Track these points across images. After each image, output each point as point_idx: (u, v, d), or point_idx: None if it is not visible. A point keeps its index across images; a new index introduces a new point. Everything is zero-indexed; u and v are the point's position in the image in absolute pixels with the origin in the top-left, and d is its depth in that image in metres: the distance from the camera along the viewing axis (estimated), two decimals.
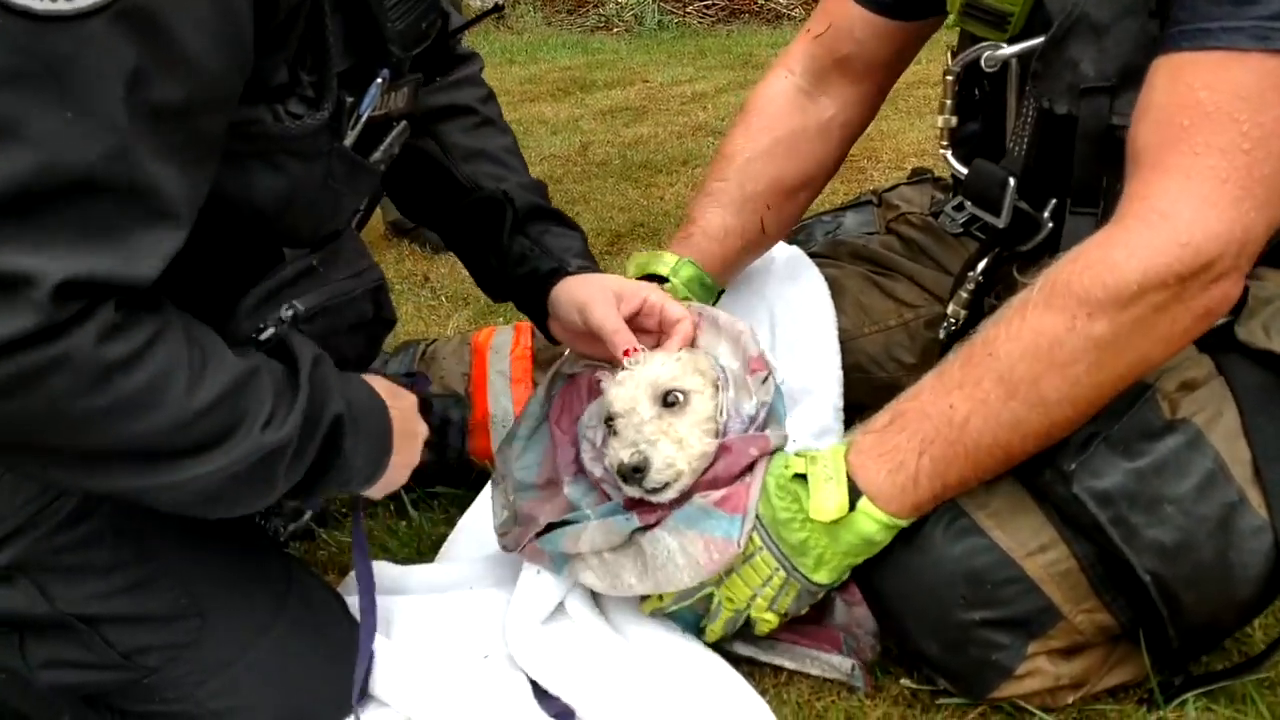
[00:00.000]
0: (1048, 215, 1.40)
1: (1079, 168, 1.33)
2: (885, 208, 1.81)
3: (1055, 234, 1.40)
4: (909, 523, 1.18)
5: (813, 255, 1.73)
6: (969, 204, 1.48)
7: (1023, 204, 1.41)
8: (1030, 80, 1.33)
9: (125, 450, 0.93)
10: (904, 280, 1.71)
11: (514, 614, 1.30)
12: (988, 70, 1.38)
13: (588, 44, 6.61)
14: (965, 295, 1.53)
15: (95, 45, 0.80)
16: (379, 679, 1.27)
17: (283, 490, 1.07)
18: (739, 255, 1.60)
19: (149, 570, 1.14)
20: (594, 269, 1.43)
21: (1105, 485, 1.13)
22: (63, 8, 0.78)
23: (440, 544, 1.58)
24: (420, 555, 1.61)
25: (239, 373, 1.00)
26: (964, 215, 1.50)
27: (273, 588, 1.23)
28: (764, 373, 1.29)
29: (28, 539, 1.07)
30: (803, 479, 1.19)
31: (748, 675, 1.27)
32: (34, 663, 1.13)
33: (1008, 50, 1.35)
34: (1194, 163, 1.08)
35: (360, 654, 1.24)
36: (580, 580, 1.28)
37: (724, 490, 1.22)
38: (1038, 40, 1.30)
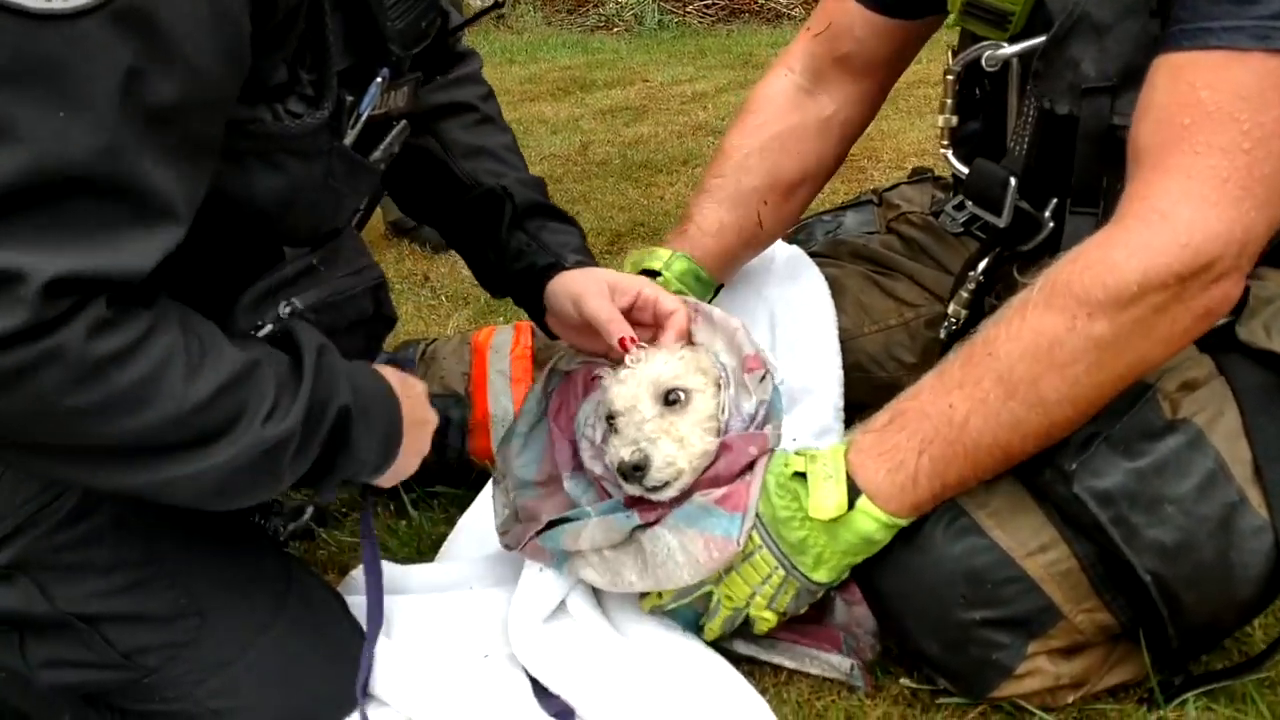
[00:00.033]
0: (1048, 215, 1.40)
1: (1080, 168, 1.33)
2: (886, 207, 1.81)
3: (1056, 234, 1.40)
4: (908, 522, 1.18)
5: (813, 254, 1.73)
6: (970, 203, 1.48)
7: (1023, 204, 1.41)
8: (1031, 80, 1.33)
9: (123, 446, 0.92)
10: (904, 280, 1.70)
11: (515, 612, 1.30)
12: (988, 70, 1.38)
13: (588, 43, 6.61)
14: (966, 295, 1.53)
15: (90, 44, 0.80)
16: (379, 679, 1.27)
17: (290, 482, 1.06)
18: (736, 251, 1.60)
19: (149, 569, 1.14)
20: (591, 264, 1.42)
21: (1106, 485, 1.13)
22: (58, 6, 0.78)
23: (440, 543, 1.58)
24: (420, 555, 1.61)
25: (238, 366, 0.99)
26: (964, 215, 1.50)
27: (272, 587, 1.24)
28: (761, 371, 1.29)
29: (28, 538, 1.08)
30: (802, 477, 1.19)
31: (748, 674, 1.27)
32: (34, 662, 1.13)
33: (1009, 50, 1.35)
34: (1194, 162, 1.08)
35: (367, 641, 1.24)
36: (581, 577, 1.28)
37: (724, 488, 1.22)
38: (1039, 40, 1.30)
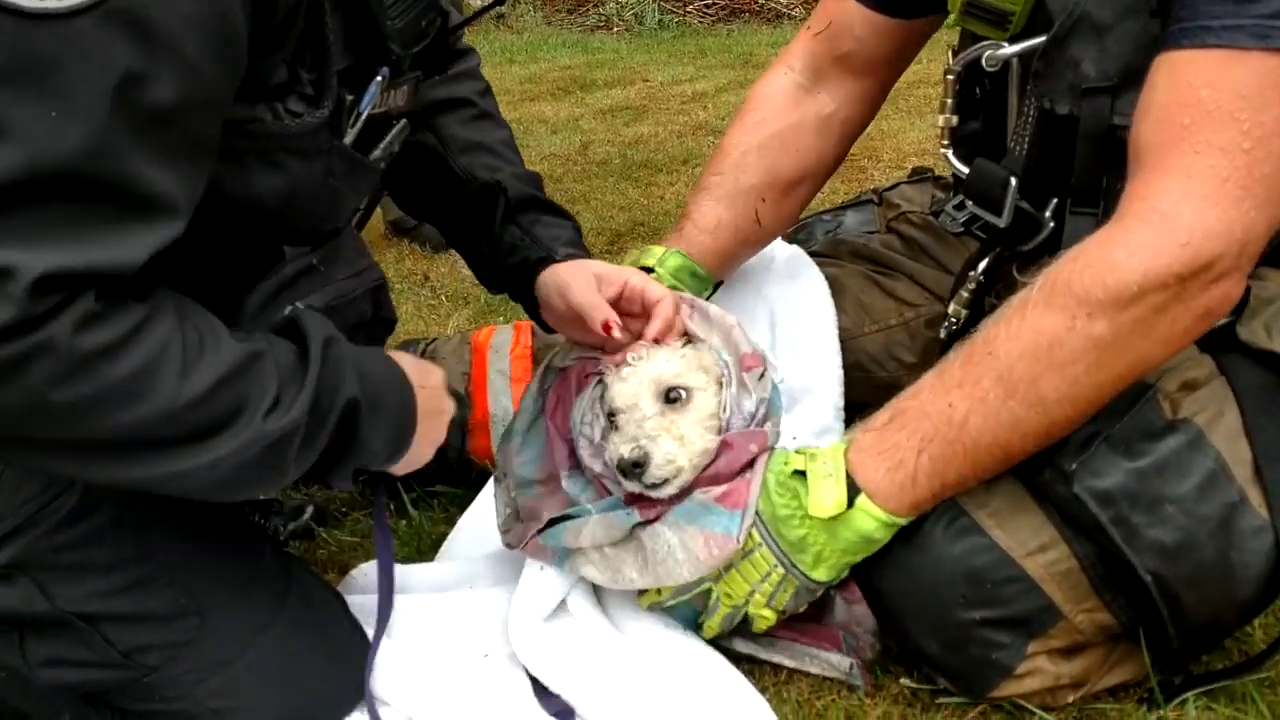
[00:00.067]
0: (1049, 215, 1.40)
1: (1080, 168, 1.33)
2: (886, 206, 1.81)
3: (1056, 234, 1.40)
4: (907, 521, 1.18)
5: (813, 254, 1.73)
6: (970, 203, 1.48)
7: (1024, 203, 1.41)
8: (1031, 80, 1.33)
9: (119, 440, 0.92)
10: (904, 279, 1.70)
11: (516, 611, 1.30)
12: (989, 69, 1.38)
13: (588, 43, 6.61)
14: (966, 295, 1.53)
15: (83, 44, 0.80)
16: (379, 678, 1.28)
17: (296, 475, 1.05)
18: (733, 248, 1.60)
19: (149, 569, 1.14)
20: (583, 257, 1.42)
21: (1106, 485, 1.13)
22: (52, 6, 0.78)
23: (440, 543, 1.58)
24: (420, 554, 1.61)
25: (238, 358, 0.97)
26: (965, 214, 1.50)
27: (272, 587, 1.24)
28: (760, 369, 1.30)
29: (27, 537, 1.07)
30: (802, 475, 1.20)
31: (748, 674, 1.27)
32: (34, 661, 1.13)
33: (1009, 49, 1.35)
34: (1195, 162, 1.08)
35: (378, 627, 1.23)
36: (581, 574, 1.28)
37: (724, 486, 1.22)
38: (1039, 40, 1.30)
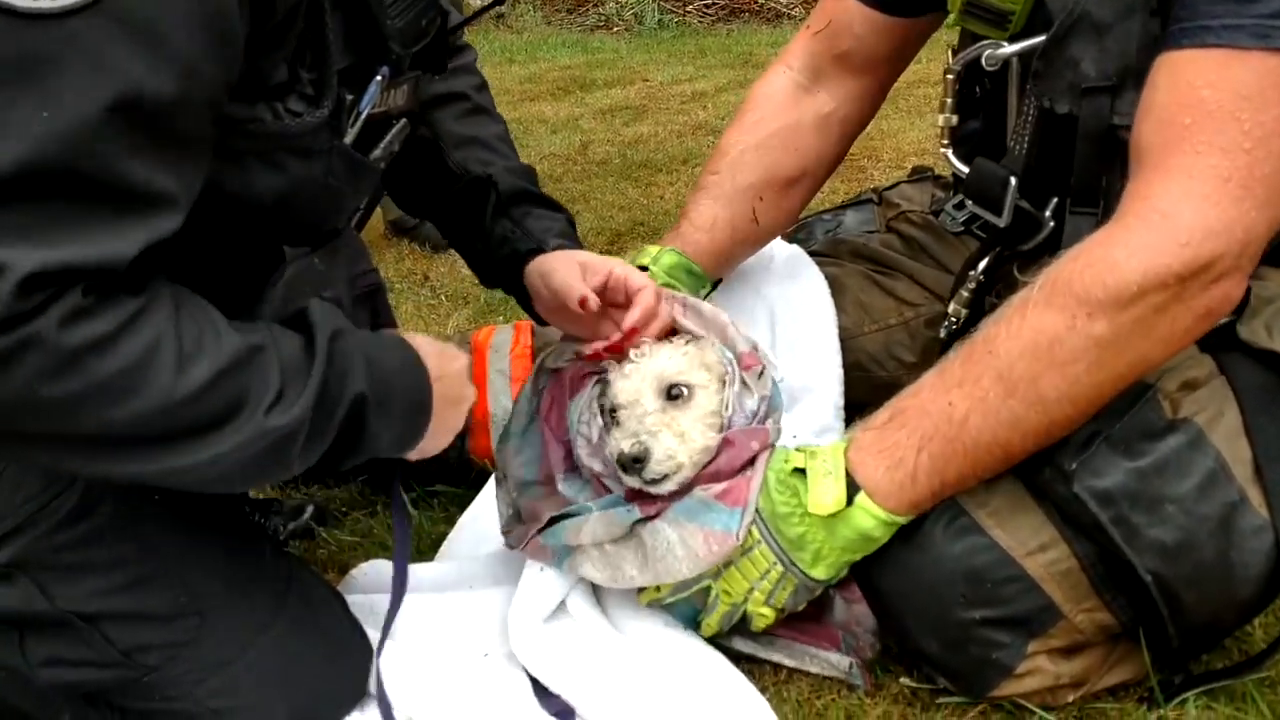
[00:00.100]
0: (1049, 214, 1.40)
1: (1079, 167, 1.33)
2: (886, 206, 1.81)
3: (1056, 233, 1.39)
4: (907, 520, 1.18)
5: (813, 254, 1.73)
6: (970, 203, 1.48)
7: (1024, 203, 1.41)
8: (1031, 79, 1.33)
9: (117, 436, 0.91)
10: (904, 279, 1.70)
11: (516, 612, 1.30)
12: (988, 69, 1.38)
13: (587, 43, 6.61)
14: (966, 294, 1.52)
15: (77, 43, 0.80)
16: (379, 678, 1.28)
17: (301, 469, 1.04)
18: (730, 247, 1.59)
19: (149, 568, 1.13)
20: (574, 249, 1.42)
21: (1106, 484, 1.13)
22: (45, 6, 0.78)
23: (440, 543, 1.58)
24: (420, 554, 1.61)
25: (236, 351, 0.96)
26: (965, 214, 1.50)
27: (272, 586, 1.23)
28: (759, 367, 1.30)
29: (27, 537, 1.07)
30: (802, 473, 1.20)
31: (748, 673, 1.27)
32: (34, 660, 1.13)
33: (1008, 49, 1.35)
34: (1195, 162, 1.08)
35: (390, 609, 1.24)
36: (581, 573, 1.28)
37: (725, 483, 1.22)
38: (1039, 39, 1.30)
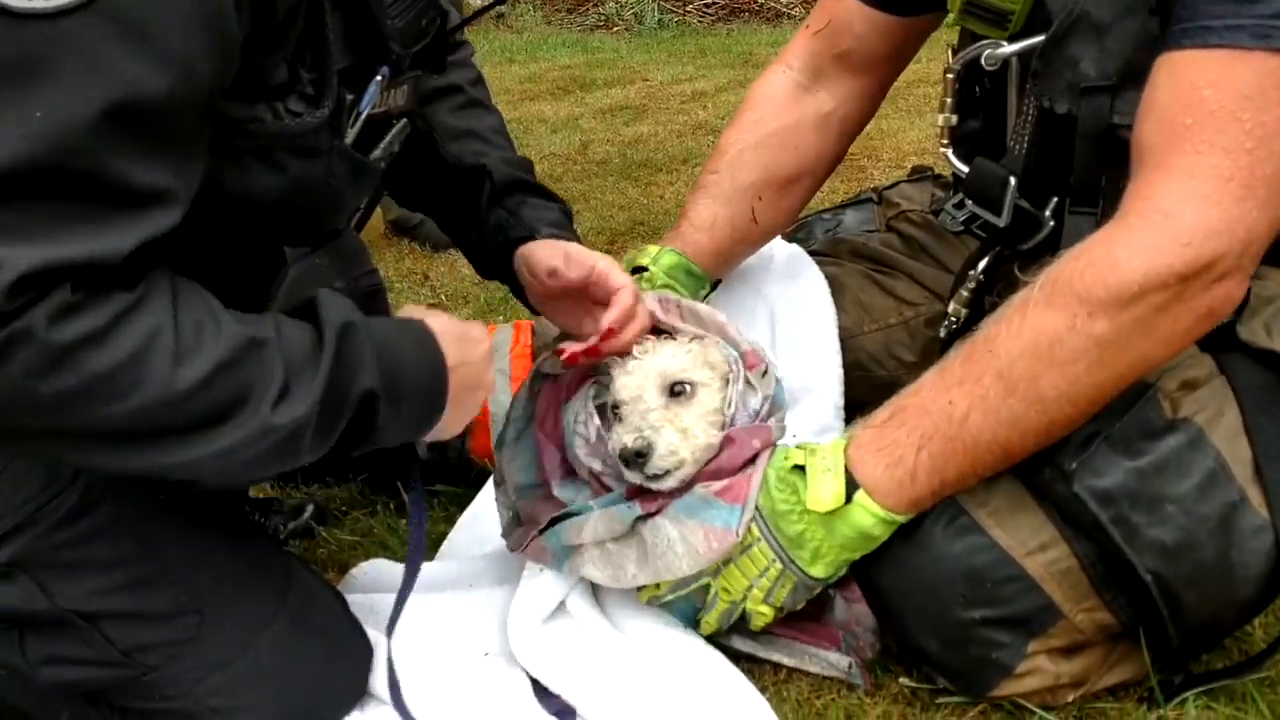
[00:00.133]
0: (1048, 214, 1.40)
1: (1079, 167, 1.33)
2: (885, 205, 1.81)
3: (1056, 232, 1.39)
4: (906, 519, 1.18)
5: (813, 253, 1.73)
6: (970, 202, 1.48)
7: (1023, 203, 1.41)
8: (1031, 79, 1.33)
9: (120, 430, 0.90)
10: (904, 278, 1.70)
11: (515, 613, 1.30)
12: (988, 69, 1.38)
13: (587, 43, 6.61)
14: (966, 294, 1.53)
15: (70, 43, 0.80)
16: (379, 677, 1.28)
17: (311, 460, 1.03)
18: (730, 246, 1.60)
19: (149, 567, 1.13)
20: (567, 238, 1.41)
21: (1106, 484, 1.13)
22: (39, 6, 0.78)
23: (440, 542, 1.58)
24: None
25: (237, 345, 0.94)
26: (964, 213, 1.50)
27: (272, 586, 1.23)
28: (763, 366, 1.30)
29: (27, 536, 1.07)
30: (802, 471, 1.20)
31: (747, 673, 1.27)
32: (34, 659, 1.12)
33: (1008, 49, 1.35)
34: (1197, 162, 1.08)
35: (404, 587, 1.25)
36: (582, 573, 1.28)
37: (725, 481, 1.22)
38: (1038, 39, 1.30)
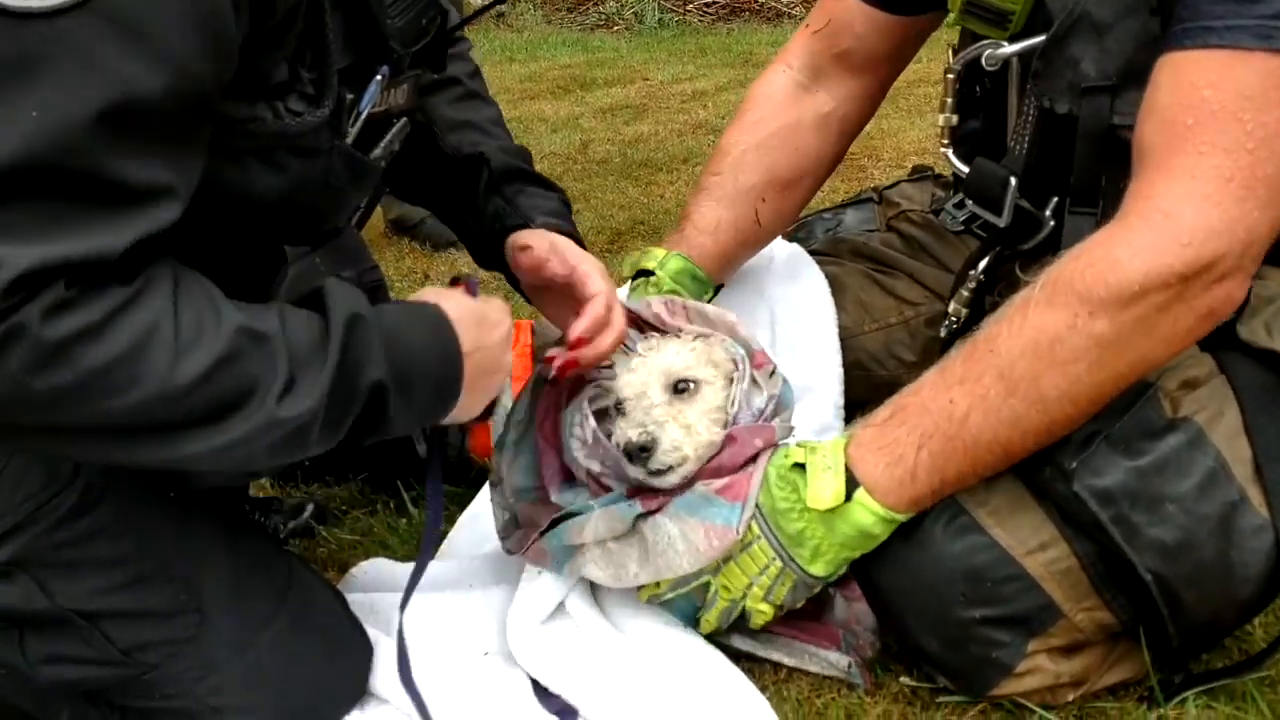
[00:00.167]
0: (1049, 214, 1.40)
1: (1079, 167, 1.33)
2: (886, 205, 1.81)
3: (1056, 232, 1.39)
4: (906, 517, 1.18)
5: (813, 253, 1.73)
6: (970, 202, 1.48)
7: (1024, 203, 1.41)
8: (1031, 79, 1.33)
9: (121, 425, 0.90)
10: (904, 278, 1.70)
11: (514, 614, 1.30)
12: (989, 69, 1.38)
13: (588, 42, 6.60)
14: (966, 294, 1.53)
15: (67, 42, 0.80)
16: (379, 677, 1.28)
17: (320, 451, 1.02)
18: (734, 249, 1.60)
19: (149, 566, 1.13)
20: (564, 229, 1.41)
21: (1106, 484, 1.13)
22: (35, 5, 0.78)
23: (440, 542, 1.58)
24: (420, 553, 1.61)
25: (239, 338, 0.93)
26: (965, 213, 1.50)
27: (272, 585, 1.24)
28: (770, 366, 1.30)
29: (27, 535, 1.07)
30: (802, 469, 1.20)
31: (747, 672, 1.27)
32: (34, 658, 1.13)
33: (1009, 49, 1.35)
34: (1198, 162, 1.08)
35: (419, 565, 1.28)
36: (584, 574, 1.28)
37: (726, 479, 1.22)
38: (1039, 39, 1.30)
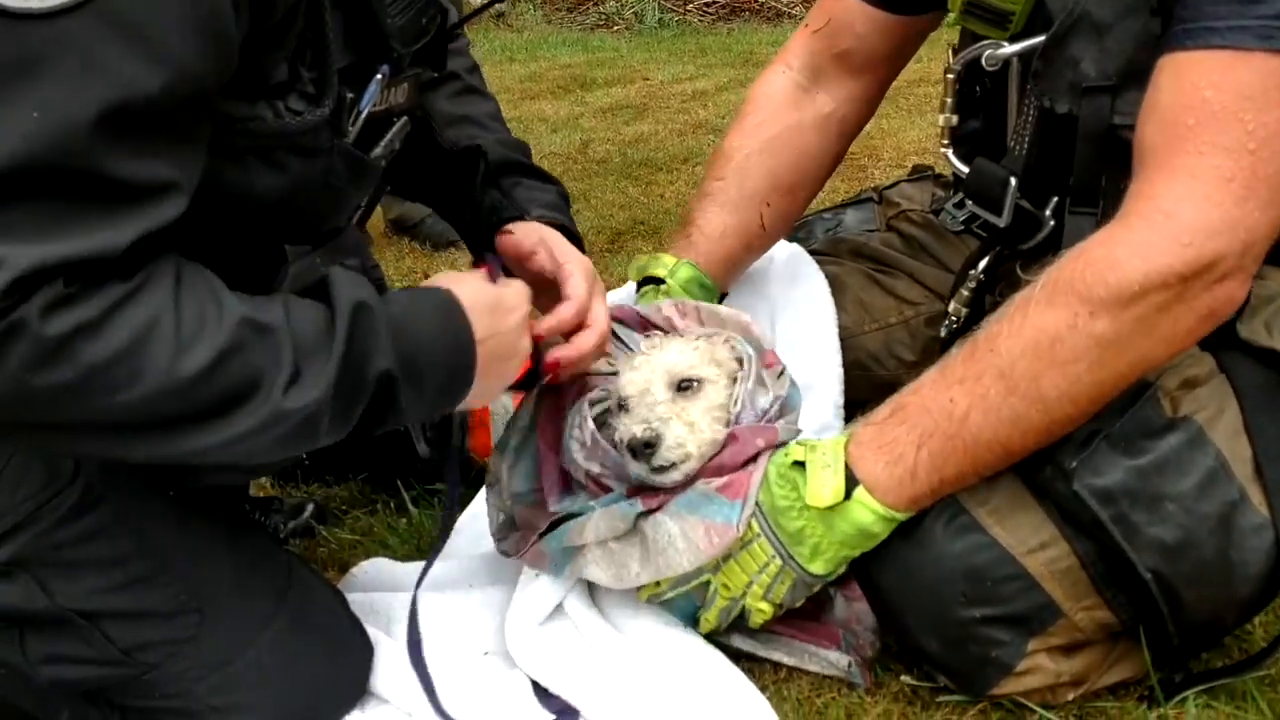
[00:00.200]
0: (1049, 214, 1.40)
1: (1079, 167, 1.33)
2: (886, 205, 1.81)
3: (1056, 232, 1.39)
4: (906, 516, 1.18)
5: (813, 252, 1.73)
6: (970, 202, 1.48)
7: (1024, 203, 1.41)
8: (1031, 79, 1.33)
9: (125, 421, 0.90)
10: (904, 277, 1.70)
11: (513, 616, 1.30)
12: (989, 69, 1.37)
13: (588, 42, 6.60)
14: (966, 293, 1.53)
15: (67, 43, 0.80)
16: (379, 676, 1.28)
17: (330, 442, 1.01)
18: (739, 255, 1.60)
19: (149, 566, 1.13)
20: (560, 221, 1.40)
21: (1106, 483, 1.13)
22: (36, 6, 0.78)
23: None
24: (420, 552, 1.61)
25: (242, 330, 0.93)
26: (965, 213, 1.50)
27: (273, 585, 1.24)
28: (779, 366, 1.30)
29: (28, 534, 1.07)
30: (802, 467, 1.20)
31: (747, 672, 1.27)
32: (34, 658, 1.13)
33: (1009, 49, 1.35)
34: (1199, 162, 1.08)
35: (436, 547, 1.30)
36: (585, 575, 1.28)
37: (726, 477, 1.22)
38: (1039, 39, 1.30)
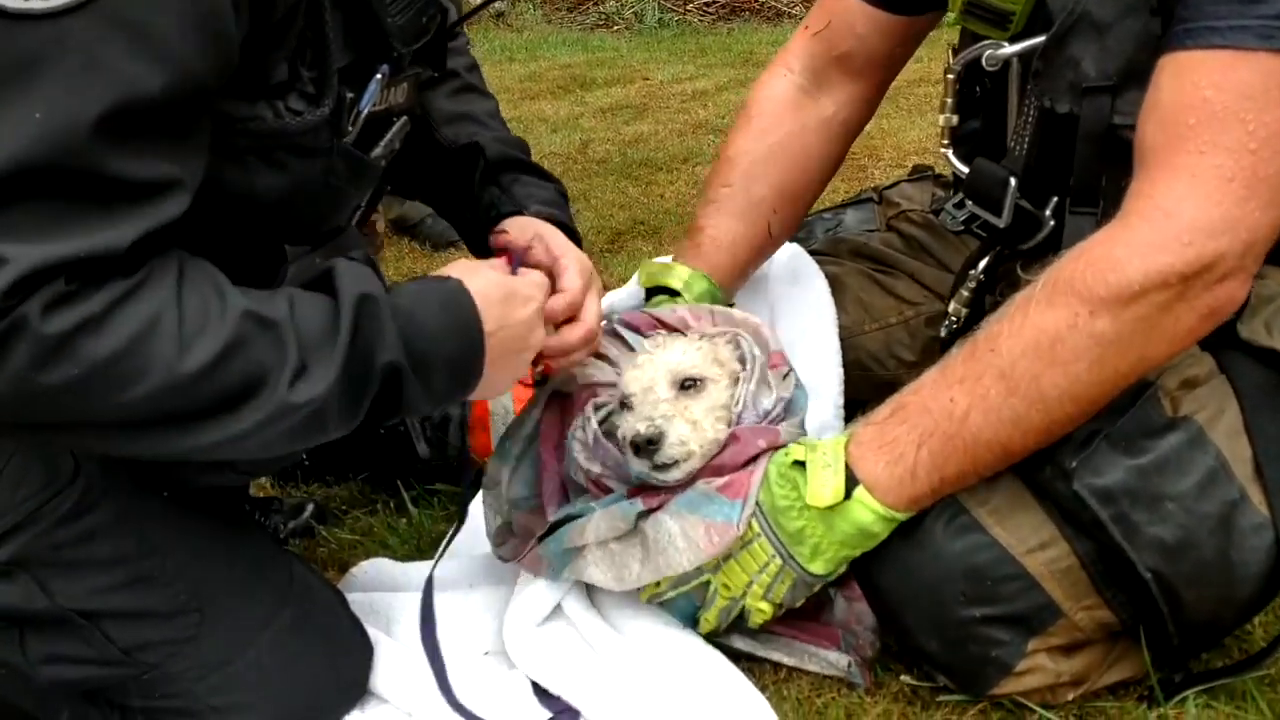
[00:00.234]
0: (1049, 214, 1.40)
1: (1079, 167, 1.32)
2: (886, 205, 1.81)
3: (1056, 232, 1.39)
4: (906, 516, 1.18)
5: (813, 253, 1.73)
6: (970, 202, 1.48)
7: (1024, 203, 1.41)
8: (1031, 79, 1.33)
9: (131, 418, 0.89)
10: (905, 278, 1.70)
11: (511, 618, 1.30)
12: (989, 69, 1.37)
13: (588, 41, 6.60)
14: (966, 293, 1.52)
15: (68, 44, 0.80)
16: (379, 676, 1.28)
17: (339, 435, 1.01)
18: (748, 262, 1.60)
19: (149, 565, 1.13)
20: (558, 218, 1.40)
21: (1106, 482, 1.13)
22: (36, 6, 0.78)
23: (440, 542, 1.58)
24: (420, 553, 1.61)
25: (244, 325, 0.93)
26: (965, 213, 1.50)
27: (273, 585, 1.24)
28: (785, 368, 1.30)
29: (28, 534, 1.07)
30: (802, 466, 1.20)
31: (747, 672, 1.27)
32: (34, 658, 1.13)
33: (1009, 49, 1.34)
34: (1199, 162, 1.08)
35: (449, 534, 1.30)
36: (585, 577, 1.27)
37: (726, 477, 1.23)
38: (1039, 39, 1.30)
